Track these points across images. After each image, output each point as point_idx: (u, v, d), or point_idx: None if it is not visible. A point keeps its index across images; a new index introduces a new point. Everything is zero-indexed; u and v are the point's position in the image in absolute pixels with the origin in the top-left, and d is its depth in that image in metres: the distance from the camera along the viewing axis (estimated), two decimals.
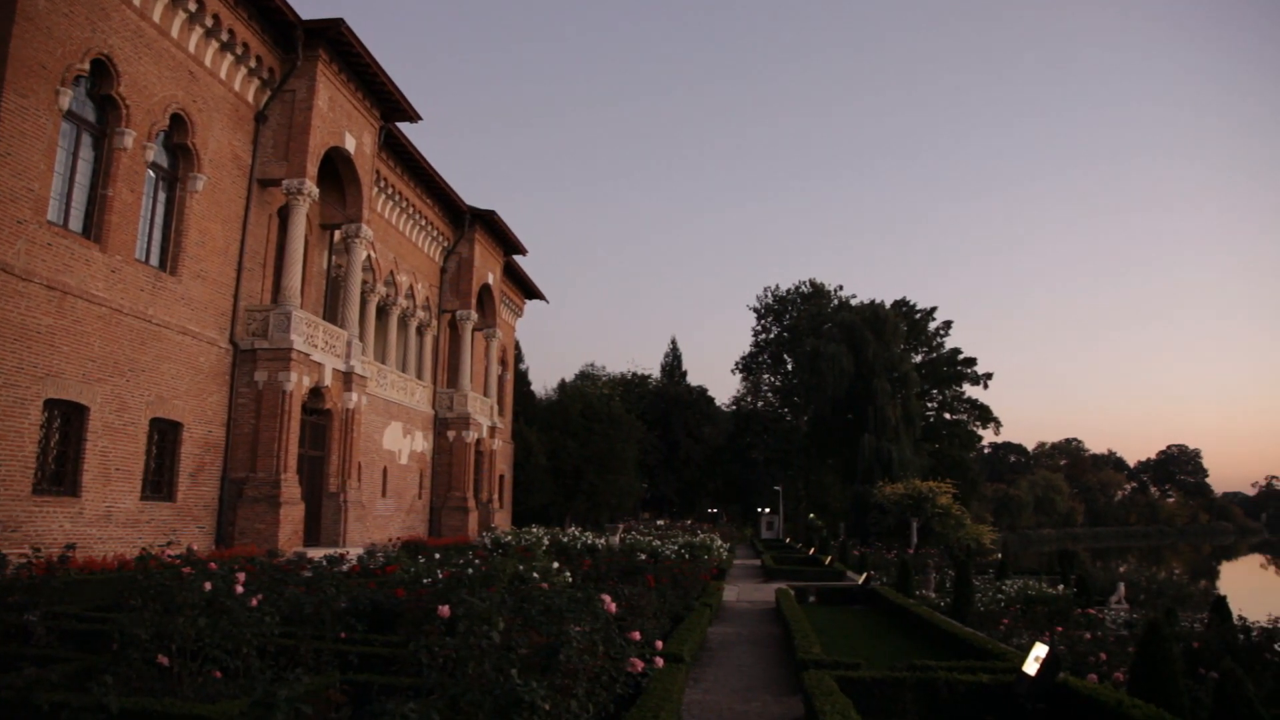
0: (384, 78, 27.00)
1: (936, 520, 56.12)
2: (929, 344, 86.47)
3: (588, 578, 17.27)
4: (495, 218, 39.19)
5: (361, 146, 27.73)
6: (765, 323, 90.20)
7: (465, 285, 38.97)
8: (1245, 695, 8.73)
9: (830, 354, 71.39)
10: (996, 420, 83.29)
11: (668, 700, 7.99)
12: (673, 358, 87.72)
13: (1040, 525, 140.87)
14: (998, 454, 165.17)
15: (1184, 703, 9.73)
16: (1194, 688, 11.13)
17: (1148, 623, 10.71)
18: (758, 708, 10.97)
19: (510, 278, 47.52)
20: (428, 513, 36.85)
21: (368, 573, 17.13)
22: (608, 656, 6.82)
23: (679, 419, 78.11)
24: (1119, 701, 8.60)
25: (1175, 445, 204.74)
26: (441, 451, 37.86)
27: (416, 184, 34.68)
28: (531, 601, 7.65)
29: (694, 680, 12.35)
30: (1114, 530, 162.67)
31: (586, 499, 56.47)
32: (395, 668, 9.23)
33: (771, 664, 14.20)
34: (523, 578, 13.33)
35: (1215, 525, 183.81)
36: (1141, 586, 33.31)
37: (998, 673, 10.83)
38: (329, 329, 26.03)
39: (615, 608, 7.66)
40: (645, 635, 9.95)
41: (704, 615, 16.67)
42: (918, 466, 68.81)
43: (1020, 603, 23.69)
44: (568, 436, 55.68)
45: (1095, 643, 15.10)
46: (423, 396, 36.84)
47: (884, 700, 10.39)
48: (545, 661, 6.25)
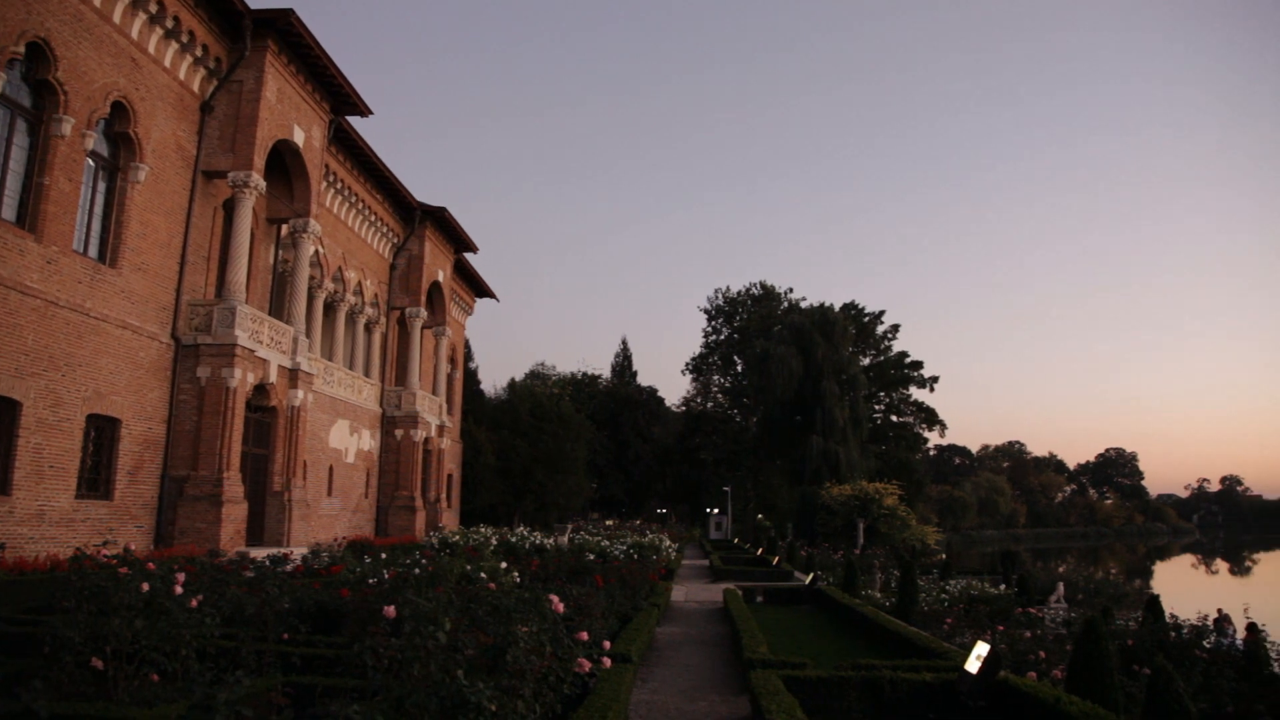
0: (334, 70, 26.61)
1: (883, 521, 56.86)
2: (877, 347, 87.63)
3: (536, 578, 17.20)
4: (446, 215, 38.84)
5: (310, 140, 27.30)
6: (715, 324, 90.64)
7: (415, 282, 38.56)
8: (1175, 690, 9.04)
9: (780, 356, 71.93)
10: (942, 423, 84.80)
11: (615, 700, 7.97)
12: (623, 358, 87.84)
13: (983, 526, 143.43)
14: (943, 456, 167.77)
15: (1118, 698, 10.01)
16: (1128, 684, 11.42)
17: (1085, 622, 10.97)
18: (705, 707, 11.00)
19: (461, 276, 47.13)
20: (374, 512, 36.39)
21: (312, 573, 16.88)
22: (555, 657, 6.78)
23: (629, 419, 78.15)
24: (1057, 698, 8.81)
25: (1113, 448, 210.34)
26: (389, 450, 37.42)
27: (367, 179, 34.23)
28: (479, 602, 7.60)
29: (642, 680, 12.35)
30: (1054, 531, 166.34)
31: (535, 499, 56.19)
32: (339, 669, 9.10)
33: (719, 664, 14.25)
34: (470, 578, 13.21)
35: (1150, 526, 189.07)
36: (1080, 586, 34.07)
37: (941, 671, 11.00)
38: (275, 325, 25.58)
39: (563, 608, 7.64)
40: (593, 635, 9.91)
41: (652, 615, 16.68)
42: (865, 468, 69.68)
43: (963, 602, 24.10)
44: (517, 436, 55.35)
45: (1035, 641, 15.39)
46: (370, 394, 36.38)
47: (830, 699, 10.50)
48: (492, 662, 6.20)
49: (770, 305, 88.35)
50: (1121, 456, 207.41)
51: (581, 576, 17.85)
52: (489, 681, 5.58)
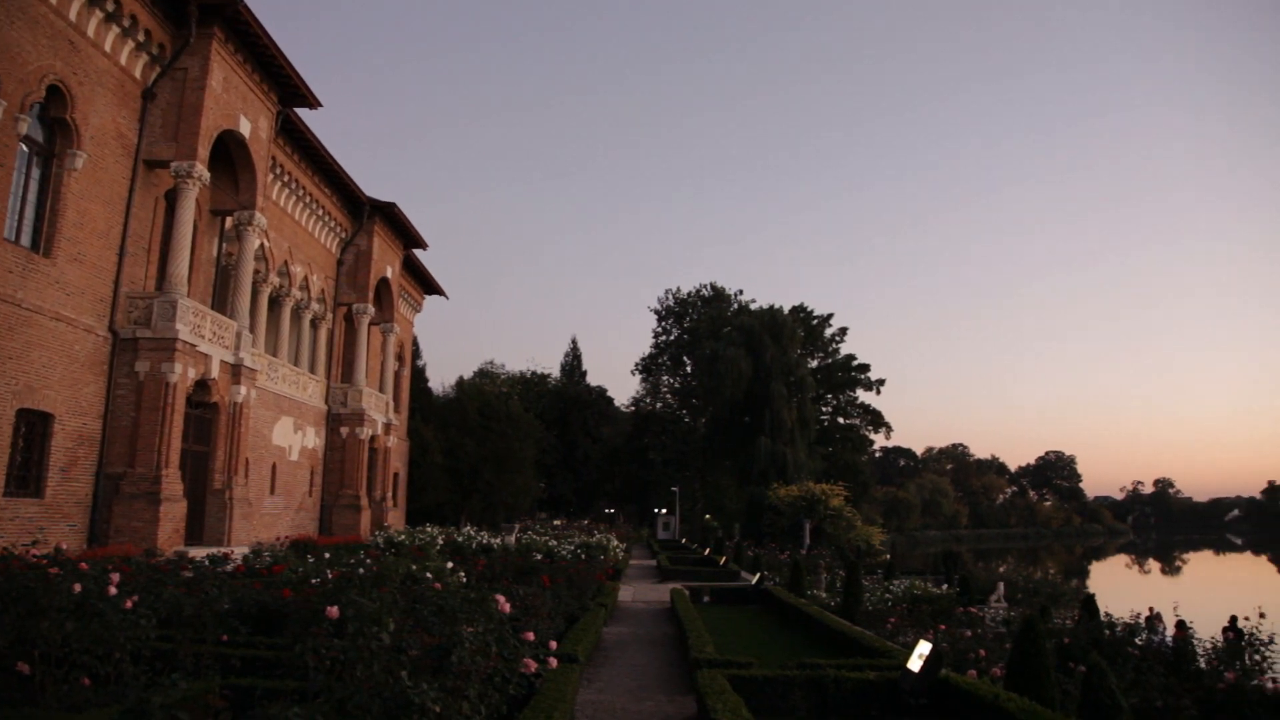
0: (282, 60, 26.12)
1: (829, 522, 57.50)
2: (825, 349, 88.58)
3: (482, 578, 17.10)
4: (396, 210, 38.39)
5: (257, 131, 26.77)
6: (666, 325, 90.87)
7: (363, 278, 38.04)
8: (1108, 686, 9.29)
9: (729, 357, 72.35)
10: (888, 425, 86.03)
11: (561, 701, 7.95)
12: (573, 357, 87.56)
13: (927, 527, 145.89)
14: (888, 458, 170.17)
15: (1055, 694, 10.24)
16: (1065, 681, 11.69)
17: (1024, 620, 11.21)
18: (651, 707, 11.01)
19: (410, 272, 46.61)
20: (318, 511, 35.82)
21: (253, 573, 16.55)
22: (501, 657, 6.74)
23: (578, 419, 77.98)
24: (996, 695, 8.98)
25: (1052, 452, 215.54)
26: (334, 448, 36.86)
27: (315, 173, 33.69)
28: (424, 602, 7.51)
29: (588, 680, 12.33)
30: (995, 532, 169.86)
31: (483, 498, 55.78)
32: (280, 671, 8.94)
33: (665, 663, 14.27)
34: (415, 578, 13.08)
35: (1087, 527, 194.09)
36: (1019, 586, 34.78)
37: (884, 670, 11.15)
38: (217, 319, 25.04)
39: (509, 608, 7.59)
40: (539, 636, 9.85)
41: (599, 615, 16.67)
42: (811, 469, 70.39)
43: (906, 602, 24.48)
44: (465, 435, 54.90)
45: (976, 640, 15.67)
46: (315, 391, 35.81)
47: (775, 698, 10.59)
48: (437, 663, 6.14)
49: (720, 307, 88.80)
50: (1061, 459, 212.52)
51: (528, 576, 17.79)
52: (433, 682, 5.51)
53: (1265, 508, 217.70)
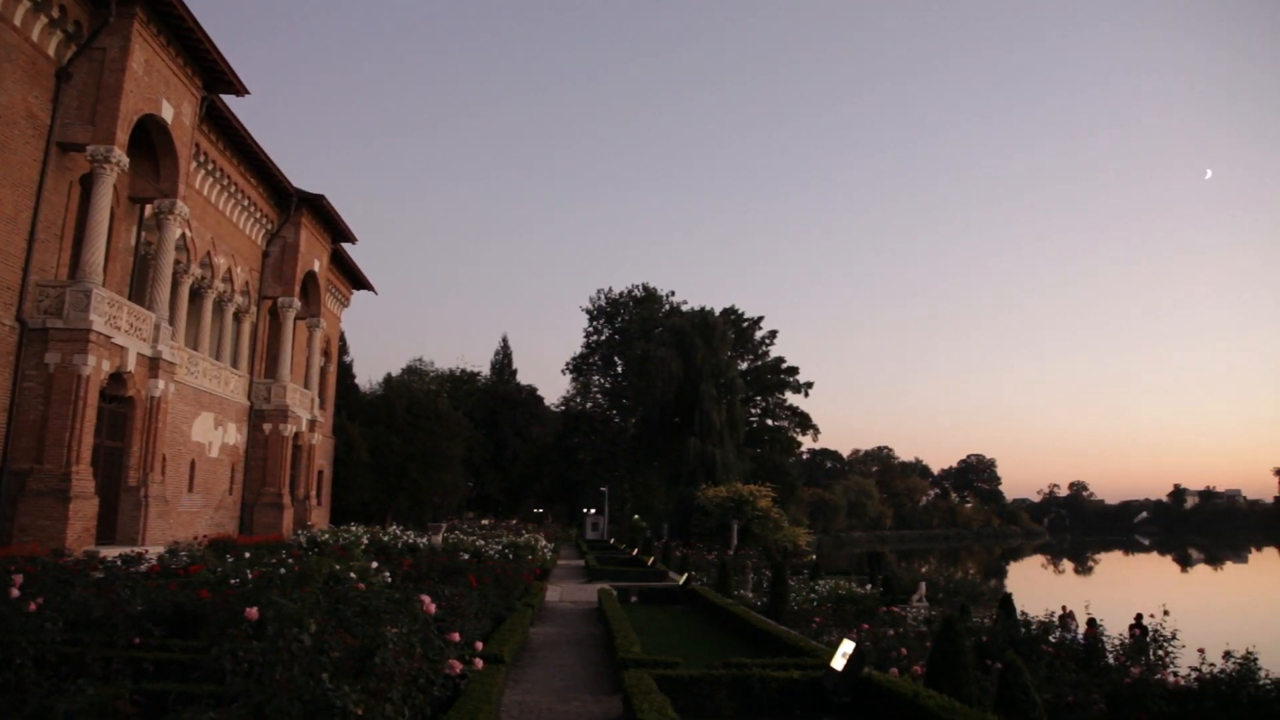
0: (208, 45, 25.39)
1: (756, 522, 58.12)
2: (755, 352, 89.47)
3: (408, 578, 16.88)
4: (324, 203, 37.63)
5: (180, 116, 25.98)
6: (597, 325, 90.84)
7: (289, 271, 37.19)
8: (1023, 683, 9.58)
9: (660, 358, 72.62)
10: (815, 427, 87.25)
11: (486, 702, 7.89)
12: (503, 356, 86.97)
13: (852, 528, 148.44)
14: (815, 459, 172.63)
15: (973, 691, 10.53)
16: (982, 678, 12.03)
17: (944, 620, 11.50)
18: (577, 707, 10.99)
19: (338, 266, 45.75)
20: (239, 509, 34.91)
21: (169, 573, 16.06)
22: (425, 658, 6.66)
23: (507, 418, 77.45)
24: (915, 693, 9.19)
25: (974, 455, 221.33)
26: (256, 445, 35.97)
27: (241, 162, 32.82)
28: (347, 603, 7.38)
29: (514, 681, 12.26)
30: (918, 533, 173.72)
31: (409, 497, 55.03)
32: (196, 675, 8.69)
33: (592, 664, 14.27)
34: (339, 578, 12.83)
35: (1005, 528, 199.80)
36: (940, 586, 35.65)
37: (808, 669, 11.32)
38: (135, 310, 24.23)
39: (435, 608, 7.51)
40: (465, 636, 9.78)
41: (526, 616, 16.61)
42: (740, 470, 71.00)
43: (831, 602, 24.90)
44: (392, 432, 54.09)
45: (898, 639, 16.02)
46: (238, 386, 34.90)
47: (701, 697, 10.68)
48: (359, 664, 6.03)
49: (652, 307, 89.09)
50: (981, 462, 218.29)
51: (455, 577, 17.62)
52: (355, 684, 5.42)
53: (1171, 510, 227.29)
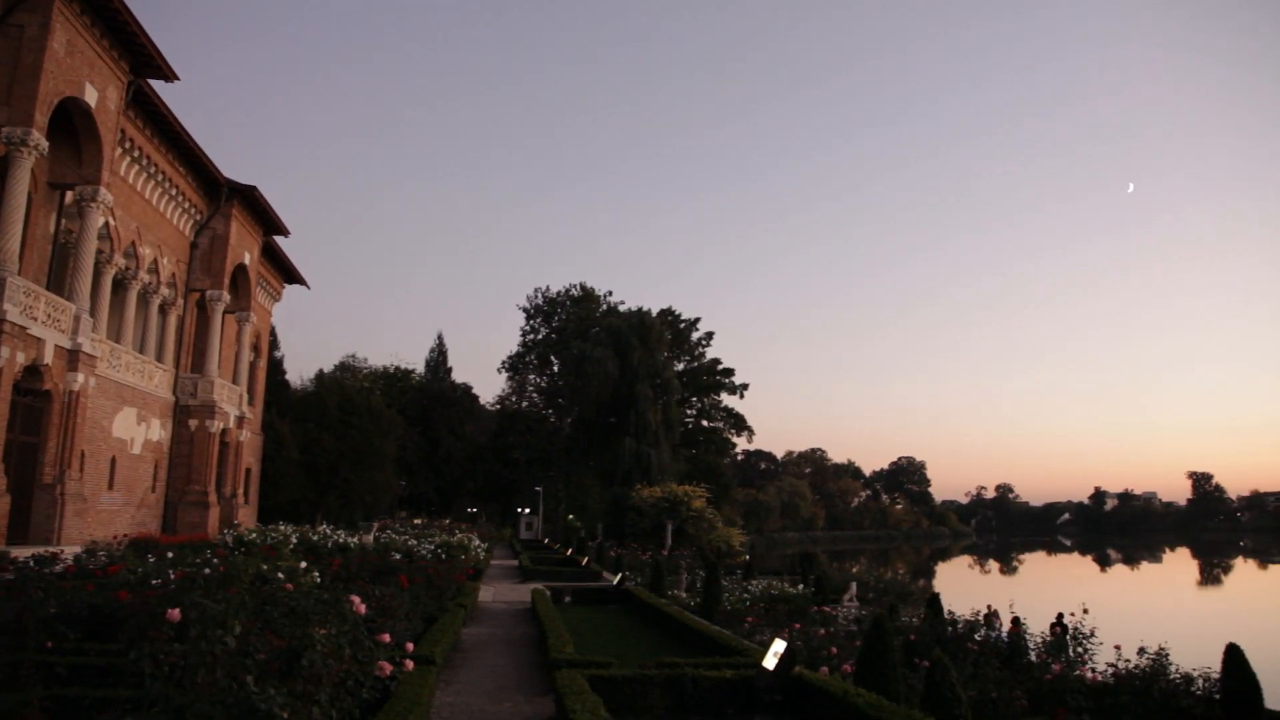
0: (135, 27, 24.62)
1: (690, 523, 58.42)
2: (691, 353, 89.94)
3: (338, 578, 16.59)
4: (256, 194, 36.79)
5: (105, 101, 25.14)
6: (534, 323, 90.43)
7: (218, 264, 36.28)
8: (949, 681, 9.82)
9: (596, 358, 72.57)
10: (750, 429, 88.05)
11: (416, 704, 7.79)
12: (438, 353, 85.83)
13: (785, 529, 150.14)
14: (749, 460, 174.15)
15: (901, 689, 10.74)
16: (910, 676, 12.26)
17: (873, 619, 11.71)
18: (509, 708, 10.92)
19: (269, 259, 44.78)
20: (162, 508, 33.94)
21: (86, 574, 15.55)
22: (355, 660, 6.55)
23: (441, 416, 76.56)
24: (845, 691, 9.33)
25: (905, 457, 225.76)
26: (181, 441, 35.00)
27: (169, 150, 31.91)
28: (274, 603, 7.23)
29: (445, 682, 12.13)
30: (850, 534, 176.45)
31: (341, 496, 54.11)
32: (113, 680, 8.42)
33: (525, 664, 14.19)
34: (266, 578, 12.57)
35: (934, 530, 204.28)
36: (870, 586, 36.20)
37: (741, 668, 11.41)
38: (53, 300, 23.39)
39: (365, 609, 7.41)
40: (396, 637, 9.64)
41: (458, 616, 16.48)
42: (675, 471, 71.33)
43: (764, 602, 25.15)
44: (323, 430, 53.11)
45: (829, 638, 16.23)
46: (162, 381, 33.92)
47: (634, 697, 10.70)
48: (286, 667, 5.91)
49: (589, 307, 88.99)
50: (912, 465, 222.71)
51: (386, 577, 17.36)
52: (282, 687, 5.30)
53: (1092, 512, 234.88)
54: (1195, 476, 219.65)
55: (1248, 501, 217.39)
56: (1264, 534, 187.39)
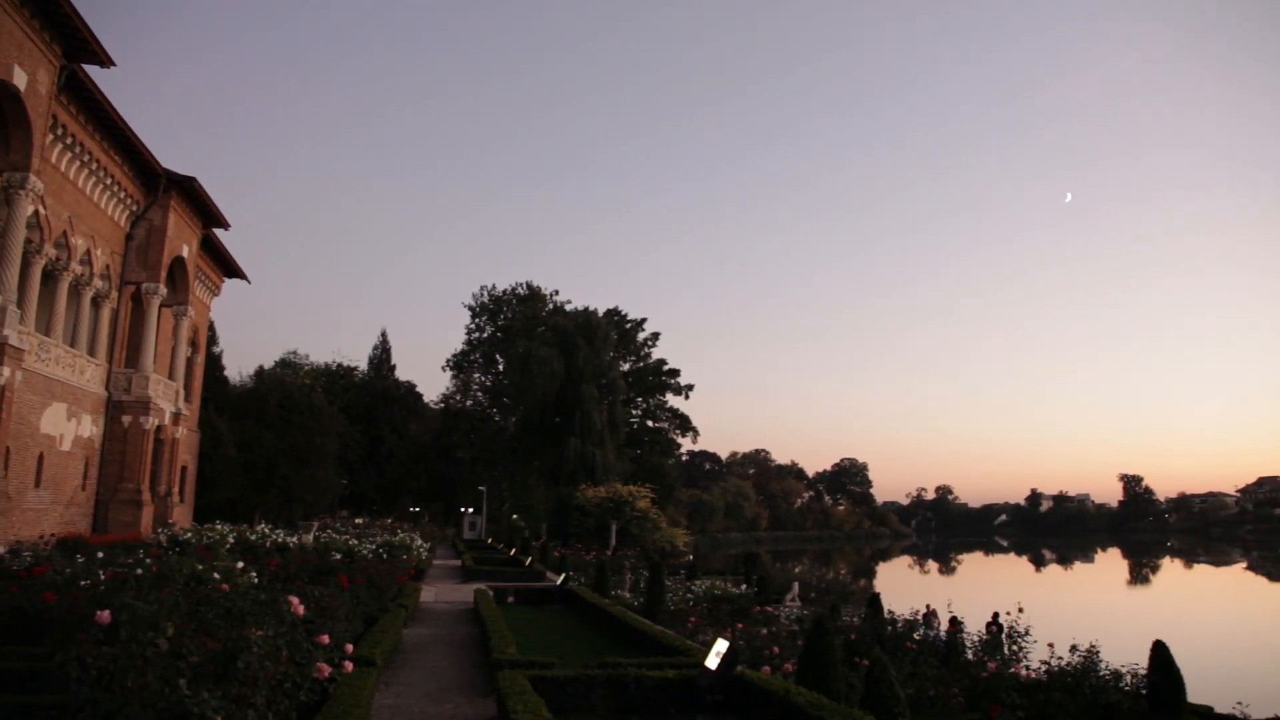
0: (69, 9, 23.87)
1: (635, 523, 58.54)
2: (637, 353, 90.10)
3: (276, 578, 16.33)
4: (195, 185, 35.94)
5: (35, 84, 24.36)
6: (479, 321, 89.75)
7: (155, 256, 35.36)
8: (889, 679, 9.99)
9: (542, 357, 72.33)
10: (694, 429, 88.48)
11: (355, 706, 7.69)
12: (382, 351, 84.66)
13: (729, 529, 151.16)
14: (694, 461, 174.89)
15: (841, 687, 10.89)
16: (850, 675, 12.44)
17: (815, 619, 11.86)
18: (450, 710, 10.84)
19: (209, 253, 43.78)
20: (93, 506, 32.99)
21: (9, 575, 15.06)
22: (292, 662, 6.43)
23: (384, 414, 75.63)
24: (786, 690, 9.42)
25: (847, 458, 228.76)
26: (114, 438, 34.04)
27: (104, 138, 31.01)
28: (209, 604, 7.06)
29: (385, 684, 11.99)
30: (793, 534, 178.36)
31: (280, 495, 53.14)
32: (36, 685, 8.16)
33: (467, 665, 14.09)
34: (201, 578, 12.30)
35: (875, 530, 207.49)
36: (812, 586, 36.65)
37: (683, 668, 11.46)
38: None
39: (303, 610, 7.29)
40: (335, 638, 9.50)
41: (399, 617, 16.32)
42: (620, 471, 71.39)
43: (707, 601, 25.30)
44: (263, 427, 52.12)
45: (771, 638, 16.40)
46: (95, 376, 32.97)
47: (576, 697, 10.69)
48: (221, 669, 5.77)
49: (535, 306, 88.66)
50: (854, 466, 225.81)
51: (326, 577, 17.13)
52: (216, 690, 5.17)
53: (1027, 513, 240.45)
54: (1126, 479, 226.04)
55: (1175, 503, 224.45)
56: (1189, 535, 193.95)
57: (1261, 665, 25.13)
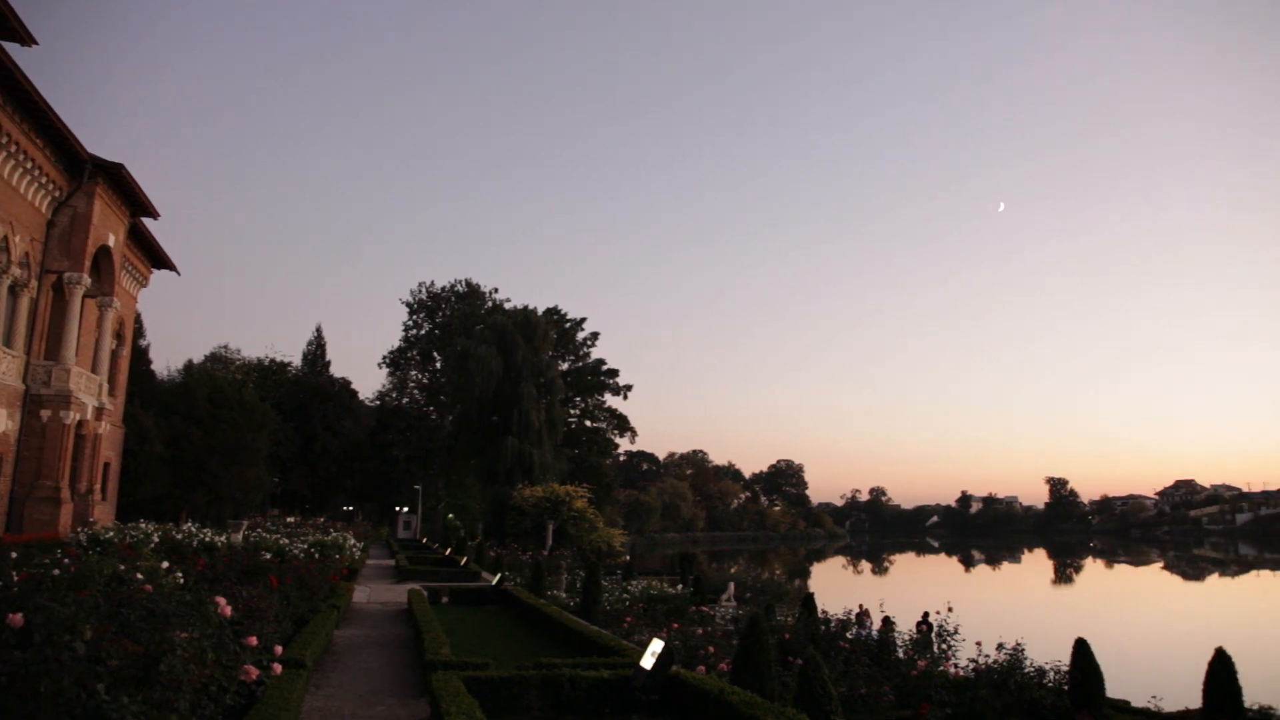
0: None
1: (572, 523, 58.38)
2: (576, 353, 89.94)
3: (203, 579, 15.94)
4: (123, 172, 34.82)
5: None
6: (417, 318, 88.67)
7: (79, 245, 34.18)
8: (821, 677, 10.11)
9: (480, 355, 71.77)
10: (633, 430, 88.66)
11: (284, 709, 7.52)
12: (317, 346, 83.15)
13: (666, 529, 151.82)
14: (632, 461, 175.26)
15: (774, 686, 11.00)
16: (784, 674, 12.58)
17: (750, 619, 11.95)
18: (382, 712, 10.68)
19: (137, 242, 42.49)
20: (7, 504, 31.74)
21: None
22: (219, 664, 6.27)
23: (318, 411, 74.32)
24: (721, 689, 9.47)
25: (783, 460, 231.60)
26: (31, 433, 32.82)
27: (25, 120, 29.88)
28: (131, 606, 6.84)
29: (316, 686, 11.77)
30: (729, 535, 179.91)
31: (208, 493, 51.86)
32: None
33: (400, 667, 13.91)
34: (123, 579, 11.92)
35: (810, 531, 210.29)
36: (748, 585, 36.94)
37: (618, 668, 11.46)
38: None
39: (230, 611, 7.12)
40: (264, 640, 9.28)
41: (331, 617, 16.06)
42: (557, 470, 71.18)
43: (643, 602, 25.35)
44: (191, 423, 50.80)
45: (706, 637, 16.48)
46: (11, 368, 31.76)
47: (511, 698, 10.61)
48: (143, 673, 5.59)
49: (474, 303, 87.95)
50: (790, 467, 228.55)
51: (255, 577, 16.78)
52: (136, 695, 5.00)
53: (958, 514, 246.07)
54: (1052, 482, 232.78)
55: (1098, 505, 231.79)
56: (1111, 535, 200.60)
57: (1175, 661, 26.07)
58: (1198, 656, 13.03)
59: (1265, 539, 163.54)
